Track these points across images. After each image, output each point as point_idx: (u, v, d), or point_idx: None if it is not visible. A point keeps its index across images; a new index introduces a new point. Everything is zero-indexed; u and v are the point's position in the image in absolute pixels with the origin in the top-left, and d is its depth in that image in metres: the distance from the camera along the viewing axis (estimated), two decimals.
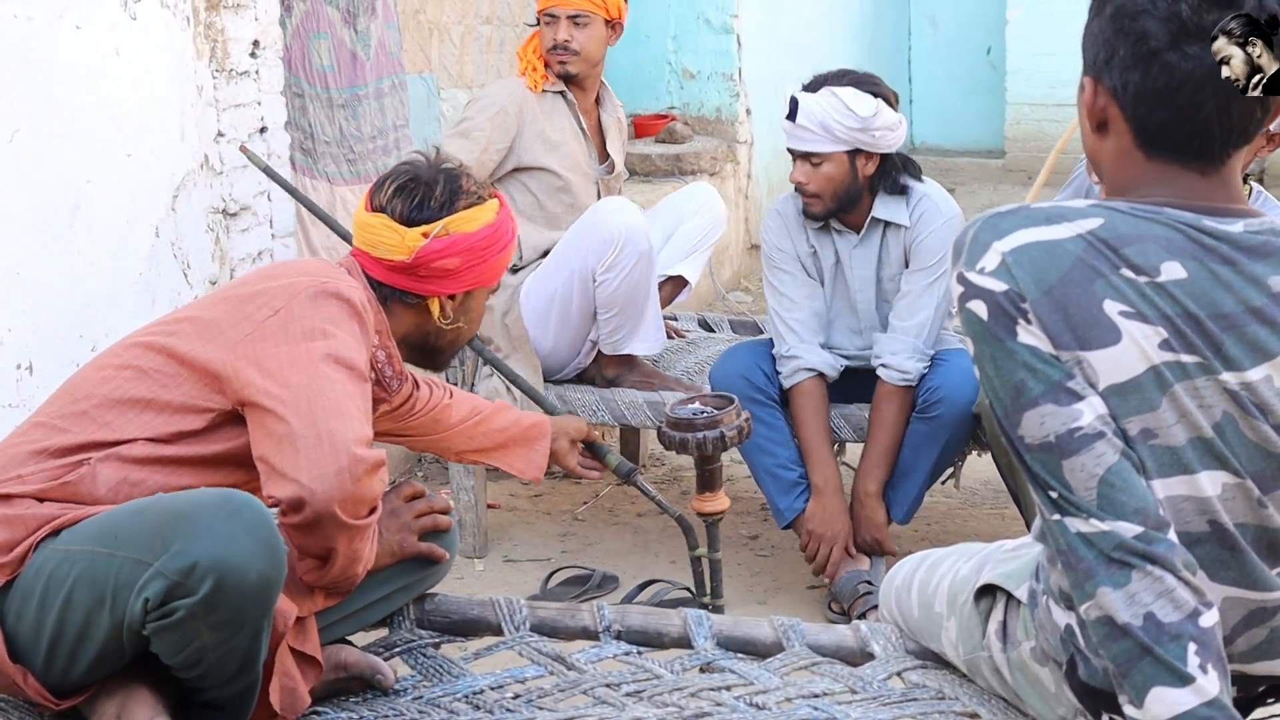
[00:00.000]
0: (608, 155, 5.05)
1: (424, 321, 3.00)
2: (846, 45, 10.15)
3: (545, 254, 4.85)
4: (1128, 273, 2.01)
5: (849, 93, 4.24)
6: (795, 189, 4.37)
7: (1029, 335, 2.02)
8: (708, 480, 4.02)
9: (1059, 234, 2.04)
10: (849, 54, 9.89)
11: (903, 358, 4.26)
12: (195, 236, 4.32)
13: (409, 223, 2.91)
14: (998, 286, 2.03)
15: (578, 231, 4.65)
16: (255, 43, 4.60)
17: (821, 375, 4.37)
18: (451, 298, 2.99)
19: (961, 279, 2.08)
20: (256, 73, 4.62)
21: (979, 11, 11.39)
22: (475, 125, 4.78)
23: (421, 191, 2.93)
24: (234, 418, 2.66)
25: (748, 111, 8.74)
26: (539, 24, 4.91)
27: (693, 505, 4.03)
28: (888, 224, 4.37)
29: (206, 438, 2.67)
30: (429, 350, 3.07)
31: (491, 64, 8.09)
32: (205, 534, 2.36)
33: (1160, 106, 2.04)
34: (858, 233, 4.40)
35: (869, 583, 4.22)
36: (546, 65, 4.90)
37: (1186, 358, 2.02)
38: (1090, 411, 2.01)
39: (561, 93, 4.89)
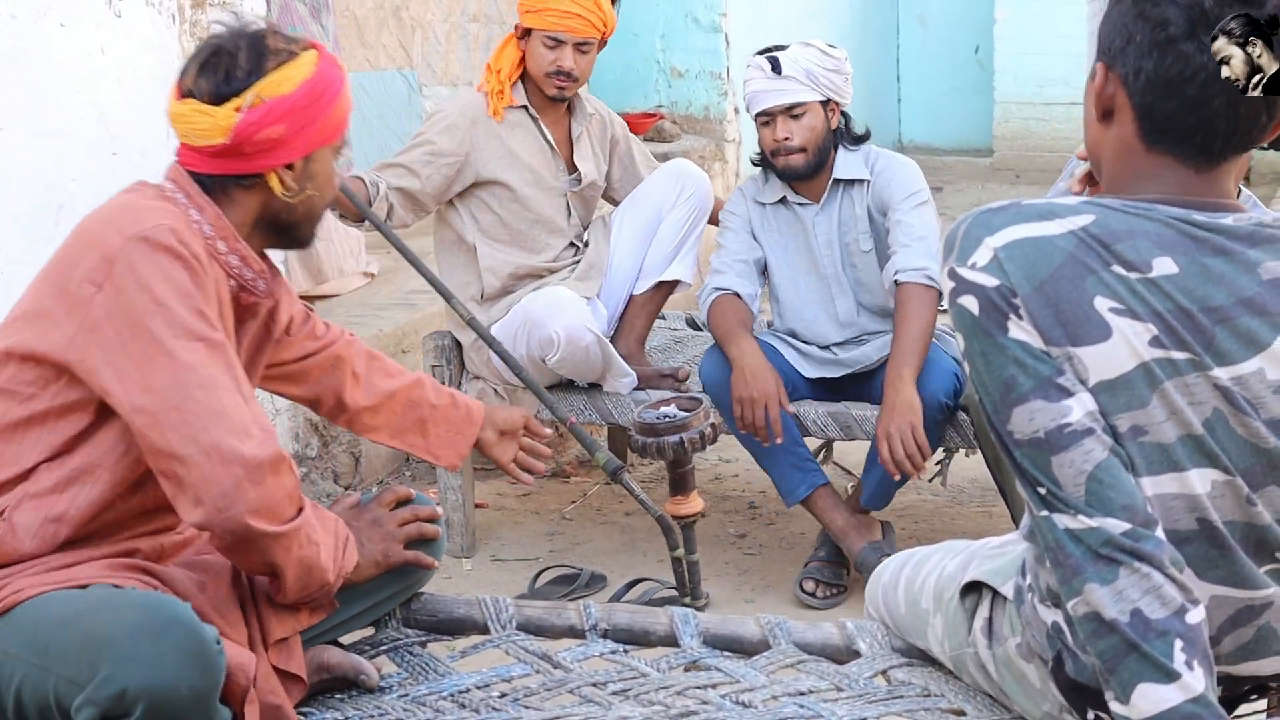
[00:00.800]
0: (576, 167, 4.90)
1: (268, 200, 2.72)
2: (834, 42, 10.14)
3: (509, 290, 4.80)
4: (1119, 269, 2.01)
5: (818, 42, 4.43)
6: (771, 154, 4.42)
7: (1020, 331, 2.02)
8: (680, 483, 4.05)
9: (1051, 230, 2.04)
10: None
11: (918, 259, 4.26)
12: None
13: (218, 99, 2.62)
14: (989, 282, 2.03)
15: (521, 320, 4.59)
16: None
17: (738, 295, 4.45)
18: (290, 167, 2.70)
19: (953, 274, 2.07)
20: None
21: (967, 11, 11.40)
22: (425, 139, 4.69)
23: (225, 63, 2.64)
24: None
25: (736, 110, 8.74)
26: (525, 37, 4.73)
27: (667, 508, 4.05)
28: (848, 183, 4.46)
29: (101, 433, 2.55)
30: (284, 228, 2.79)
31: (477, 62, 8.10)
32: (131, 658, 2.27)
33: (1169, 95, 2.03)
34: (817, 201, 4.47)
35: (888, 554, 4.20)
36: (523, 82, 4.77)
37: (1177, 354, 2.02)
38: (1080, 408, 2.01)
39: (524, 107, 4.78)
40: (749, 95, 4.43)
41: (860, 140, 4.51)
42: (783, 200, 4.51)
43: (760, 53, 4.44)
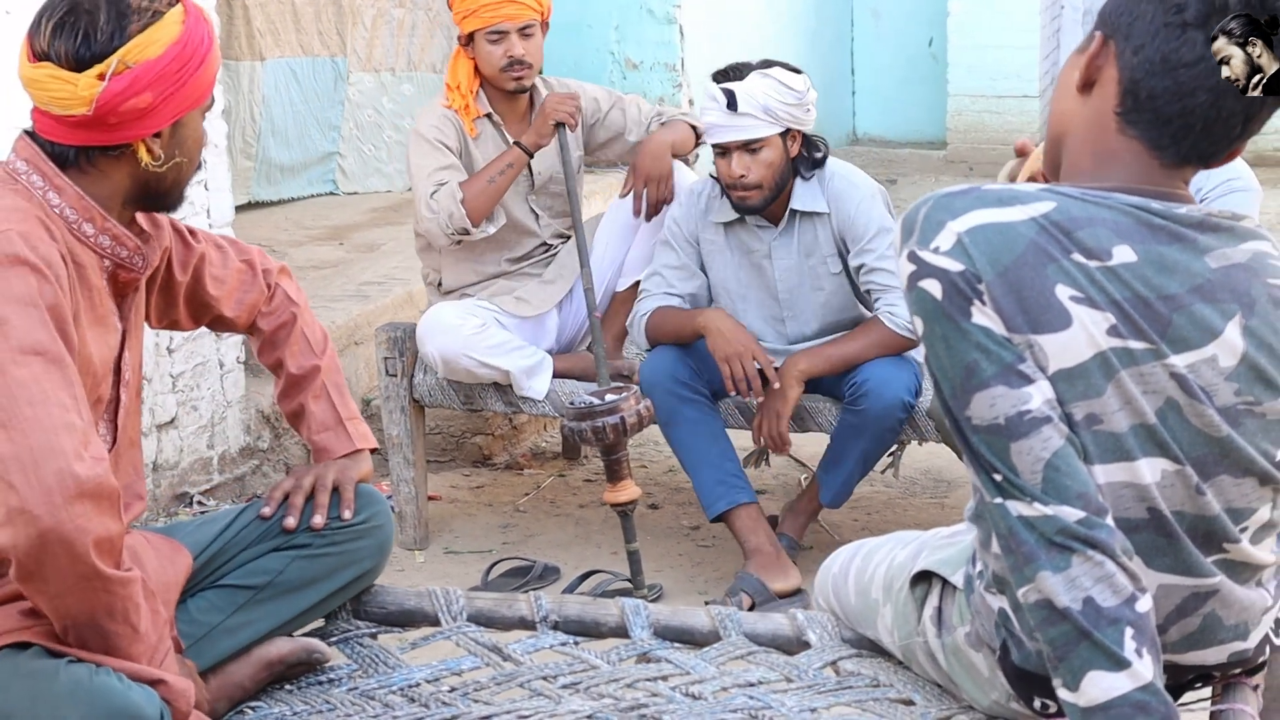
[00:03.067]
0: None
1: (135, 170, 2.56)
2: (789, 36, 10.16)
3: (466, 284, 4.81)
4: (1079, 257, 2.02)
5: (778, 72, 4.28)
6: (728, 186, 4.34)
7: (983, 316, 2.02)
8: (614, 470, 4.07)
9: (1012, 216, 2.03)
10: (791, 44, 9.90)
11: (903, 308, 4.25)
12: None
13: (79, 65, 2.43)
14: (954, 266, 2.03)
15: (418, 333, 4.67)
16: None
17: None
18: (158, 135, 2.54)
19: (914, 257, 2.06)
20: None
21: (921, 3, 11.41)
22: (431, 142, 4.66)
23: (84, 23, 2.44)
24: None
25: (690, 102, 8.73)
26: (468, 44, 4.70)
27: (604, 498, 4.08)
28: (805, 214, 4.39)
29: None
30: (154, 196, 2.64)
31: (402, 48, 8.05)
32: None
33: (1163, 75, 2.03)
34: (775, 224, 4.42)
35: (756, 604, 4.20)
36: (482, 87, 4.75)
37: (1134, 344, 2.03)
38: (1039, 395, 2.02)
39: (488, 115, 4.76)
40: (706, 125, 4.37)
41: (818, 164, 4.40)
42: (740, 220, 4.46)
43: (717, 77, 4.35)
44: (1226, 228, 2.09)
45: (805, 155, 4.38)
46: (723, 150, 4.31)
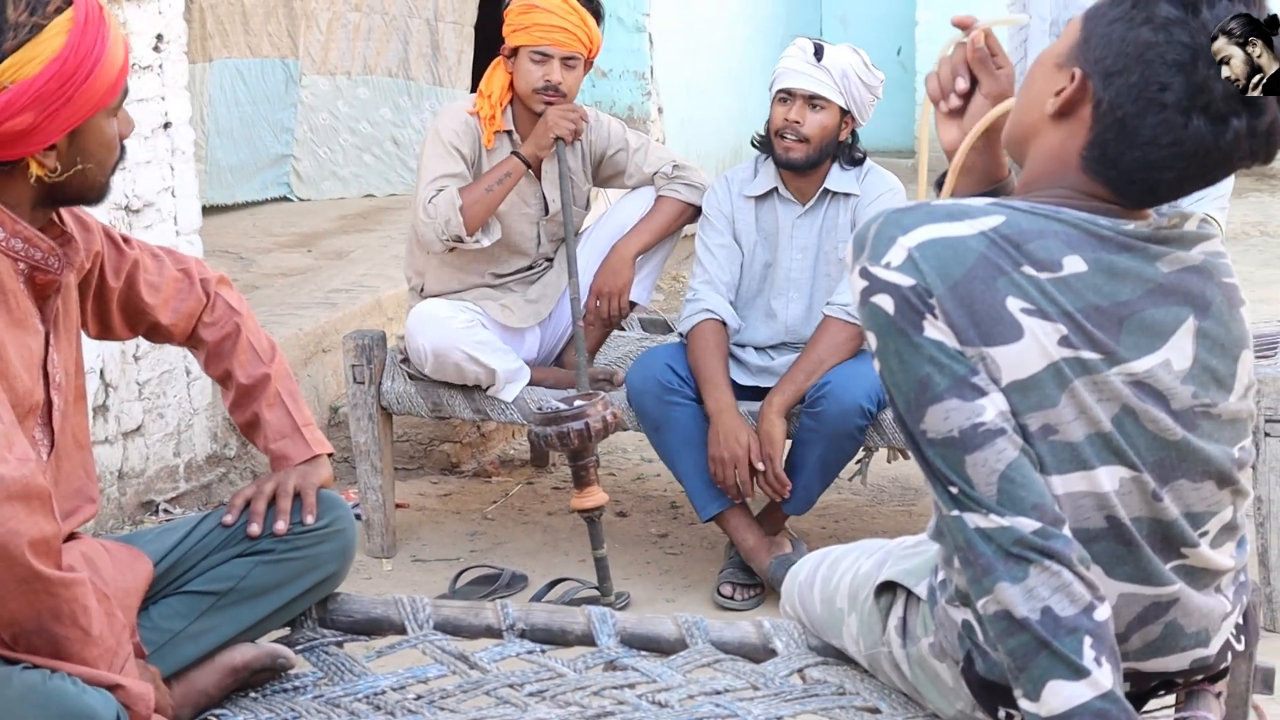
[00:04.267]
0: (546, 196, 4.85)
1: (34, 181, 2.47)
2: (758, 44, 10.18)
3: (449, 290, 4.81)
4: (1029, 269, 2.03)
5: (864, 54, 4.44)
6: (777, 131, 4.43)
7: (935, 330, 2.03)
8: (581, 476, 4.09)
9: (962, 230, 2.05)
10: (760, 52, 9.92)
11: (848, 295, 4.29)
12: None
13: None
14: (905, 281, 2.04)
15: (407, 328, 4.68)
16: (159, 36, 4.55)
17: (723, 323, 4.45)
18: (52, 148, 2.42)
19: (866, 273, 2.08)
20: (160, 67, 4.58)
21: (889, 12, 11.46)
22: (443, 142, 4.65)
23: None
24: None
25: (660, 110, 8.75)
26: (513, 56, 4.69)
27: (572, 504, 4.10)
28: (836, 194, 4.48)
29: None
30: (65, 200, 2.55)
31: (358, 52, 8.04)
32: None
33: (1132, 147, 2.04)
34: (803, 203, 4.48)
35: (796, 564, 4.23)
36: (510, 105, 4.73)
37: (1087, 353, 2.04)
38: (993, 408, 2.03)
39: (509, 132, 4.74)
40: (780, 70, 4.44)
41: (857, 163, 4.52)
42: (771, 192, 4.53)
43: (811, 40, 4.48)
44: (1176, 236, 2.11)
45: (849, 147, 4.51)
46: (786, 96, 4.42)
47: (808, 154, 4.42)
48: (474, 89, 5.08)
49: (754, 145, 4.61)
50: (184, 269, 3.03)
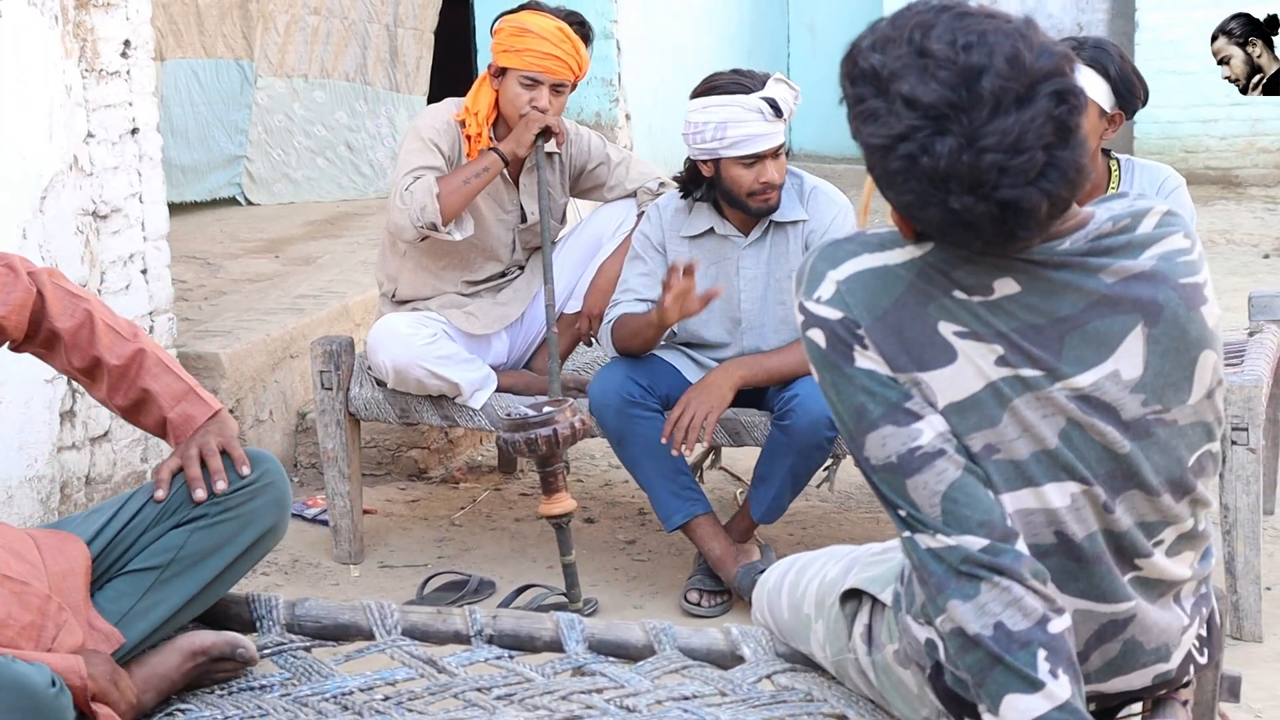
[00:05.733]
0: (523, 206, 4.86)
1: None
2: (725, 51, 10.20)
3: (420, 298, 4.81)
4: (959, 294, 2.06)
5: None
6: (748, 194, 4.29)
7: (866, 360, 2.07)
8: (549, 482, 4.09)
9: (891, 259, 2.09)
10: (728, 60, 9.93)
11: None
12: (64, 239, 4.25)
13: None
14: (833, 315, 2.09)
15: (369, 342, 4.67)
16: (126, 42, 4.54)
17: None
18: None
19: (801, 308, 2.13)
20: (128, 73, 4.56)
21: (857, 19, 11.43)
22: (422, 140, 4.65)
23: None
24: None
25: (627, 117, 8.77)
26: (497, 75, 4.67)
27: (540, 510, 4.10)
28: (779, 224, 4.41)
29: None
30: None
31: (315, 55, 8.03)
32: None
33: (890, 191, 2.05)
34: (745, 234, 4.43)
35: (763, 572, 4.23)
36: (497, 123, 4.71)
37: (1026, 371, 2.06)
38: (930, 430, 2.05)
39: (494, 149, 4.70)
40: (737, 138, 4.23)
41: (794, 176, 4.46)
42: (709, 230, 4.46)
43: (732, 88, 4.27)
44: (1122, 244, 2.10)
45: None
46: (754, 160, 4.28)
47: (779, 196, 4.37)
48: (432, 95, 5.05)
49: (682, 186, 4.47)
50: (6, 264, 2.96)
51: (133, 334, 3.03)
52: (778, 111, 4.24)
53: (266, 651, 2.94)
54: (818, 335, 2.10)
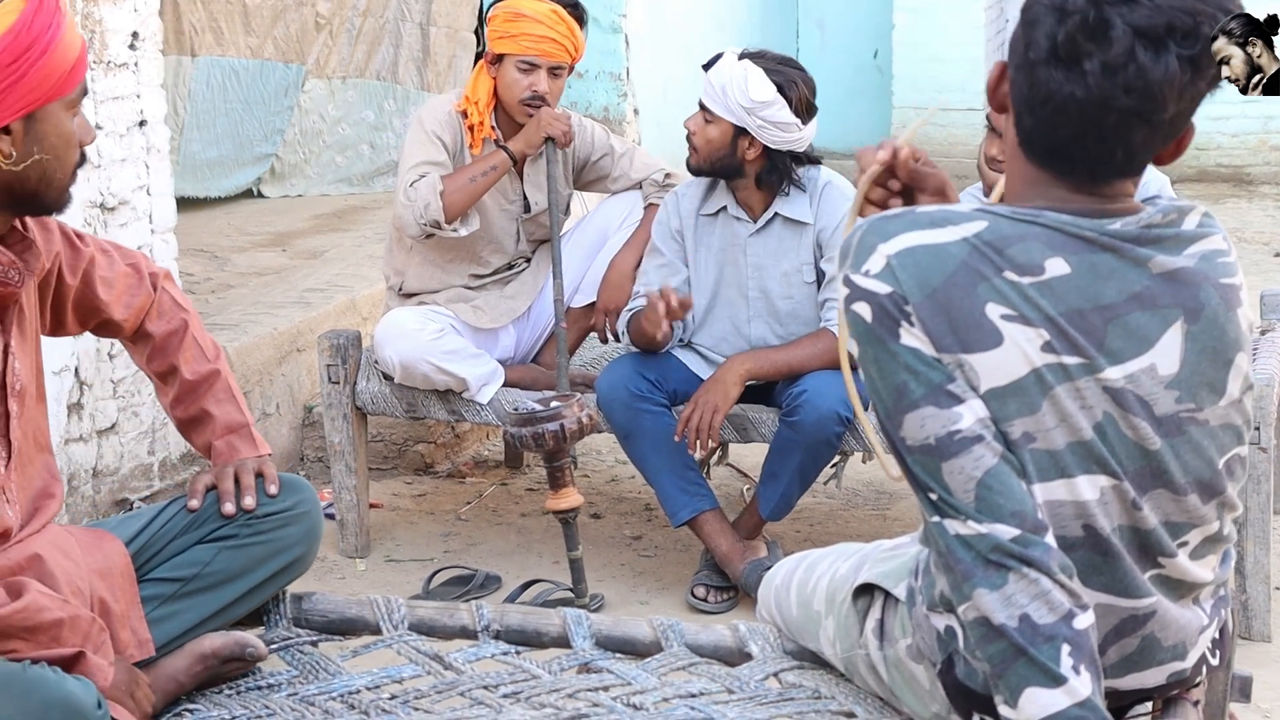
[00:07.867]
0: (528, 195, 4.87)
1: None
2: (734, 46, 10.17)
3: (427, 291, 4.81)
4: (1011, 275, 2.03)
5: (757, 73, 4.29)
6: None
7: (911, 338, 2.03)
8: (556, 477, 4.09)
9: (944, 237, 2.05)
10: None
11: None
12: None
13: None
14: (882, 289, 2.05)
15: (374, 338, 4.67)
16: (134, 34, 4.53)
17: None
18: (7, 130, 2.40)
19: (847, 281, 2.09)
20: (136, 65, 4.55)
21: (866, 16, 11.47)
22: (426, 132, 4.65)
23: None
24: None
25: (635, 111, 8.75)
26: (495, 62, 4.70)
27: (546, 505, 4.10)
28: (789, 219, 4.41)
29: None
30: (25, 200, 2.52)
31: (355, 56, 8.03)
32: None
33: (1028, 112, 2.06)
34: (754, 221, 4.44)
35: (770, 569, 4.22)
36: (496, 110, 4.73)
37: (1069, 359, 2.04)
38: (970, 415, 2.03)
39: (495, 139, 4.74)
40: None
41: (786, 188, 4.40)
42: (723, 209, 4.47)
43: (743, 52, 4.40)
44: (1170, 236, 2.10)
45: (774, 168, 4.37)
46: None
47: (697, 163, 4.38)
48: None
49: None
50: (133, 264, 3.01)
51: (215, 355, 3.07)
52: (707, 65, 4.36)
53: (274, 646, 2.93)
54: (863, 309, 2.06)
